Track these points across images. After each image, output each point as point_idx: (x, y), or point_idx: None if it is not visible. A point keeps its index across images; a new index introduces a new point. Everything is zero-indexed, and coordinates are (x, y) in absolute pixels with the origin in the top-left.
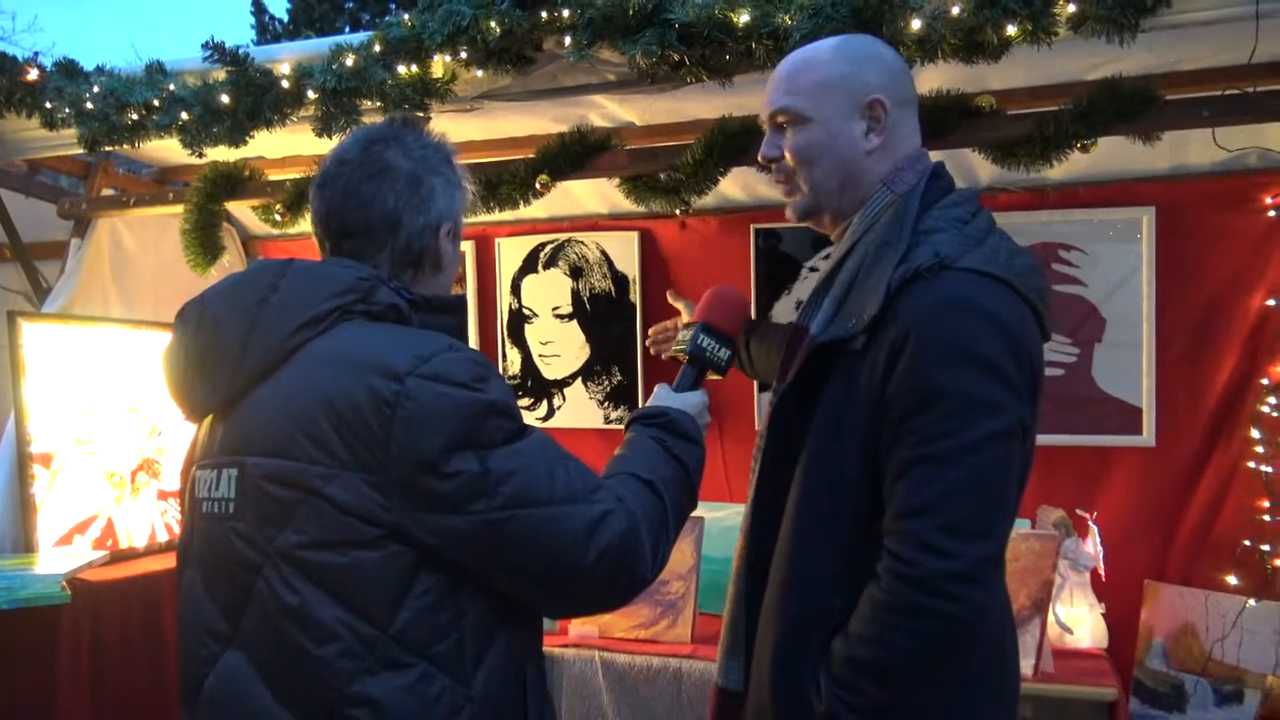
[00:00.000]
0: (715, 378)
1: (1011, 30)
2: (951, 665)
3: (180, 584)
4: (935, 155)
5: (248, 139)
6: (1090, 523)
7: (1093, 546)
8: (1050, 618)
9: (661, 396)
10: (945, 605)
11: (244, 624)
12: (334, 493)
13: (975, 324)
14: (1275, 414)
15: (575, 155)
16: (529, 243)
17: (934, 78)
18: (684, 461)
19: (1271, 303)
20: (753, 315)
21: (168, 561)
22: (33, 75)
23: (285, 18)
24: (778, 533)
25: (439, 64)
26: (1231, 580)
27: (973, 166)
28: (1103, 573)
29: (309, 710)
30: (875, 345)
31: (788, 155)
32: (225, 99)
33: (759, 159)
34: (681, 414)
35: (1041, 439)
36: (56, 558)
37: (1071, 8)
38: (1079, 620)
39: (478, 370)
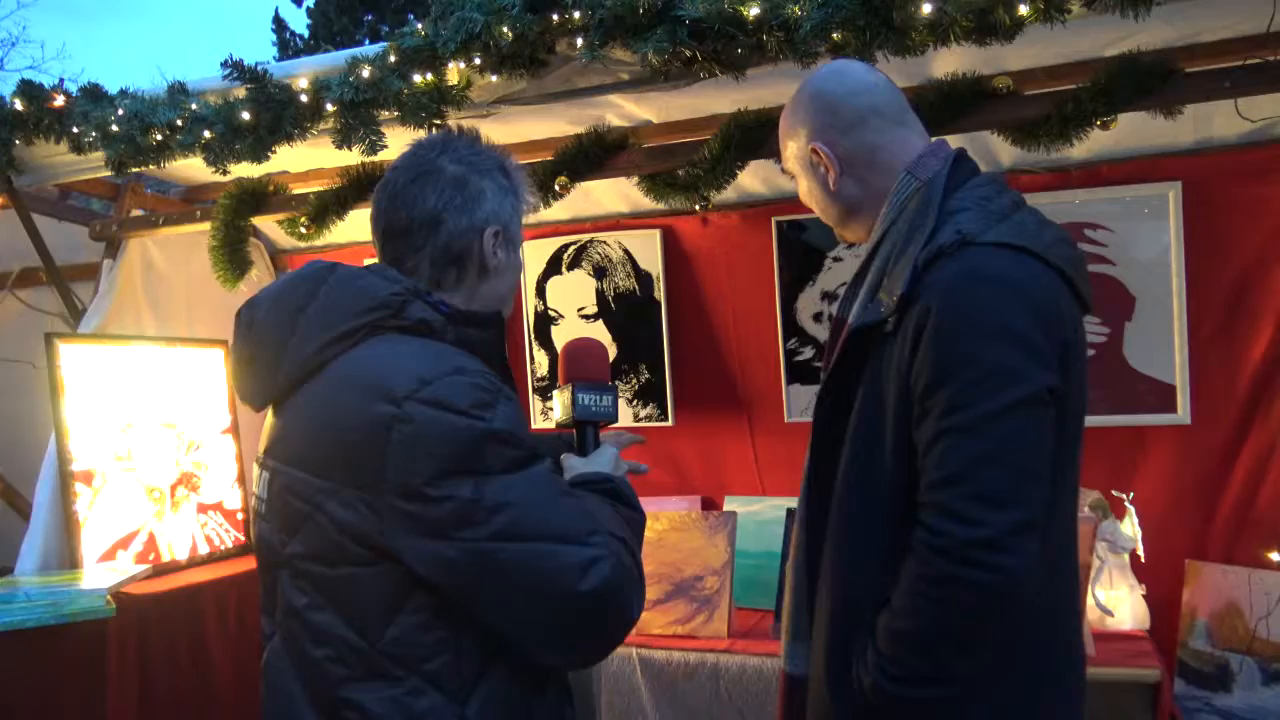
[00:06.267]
0: (611, 426)
1: (1023, 10)
2: (990, 636)
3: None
4: (954, 139)
5: (270, 154)
6: (1127, 504)
7: (1131, 527)
8: (1090, 601)
9: (575, 466)
10: (974, 573)
11: (276, 615)
12: (333, 509)
13: (993, 294)
14: None
15: (593, 156)
16: (552, 245)
17: (949, 61)
18: (634, 529)
19: None
20: (610, 356)
21: (209, 573)
22: (59, 101)
23: (305, 33)
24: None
25: (454, 71)
26: (1275, 557)
27: (993, 149)
28: (1142, 554)
29: (318, 702)
30: (903, 325)
31: None
32: (246, 116)
33: None
34: (622, 480)
35: None
36: (101, 573)
37: None
38: (1119, 602)
39: (481, 396)
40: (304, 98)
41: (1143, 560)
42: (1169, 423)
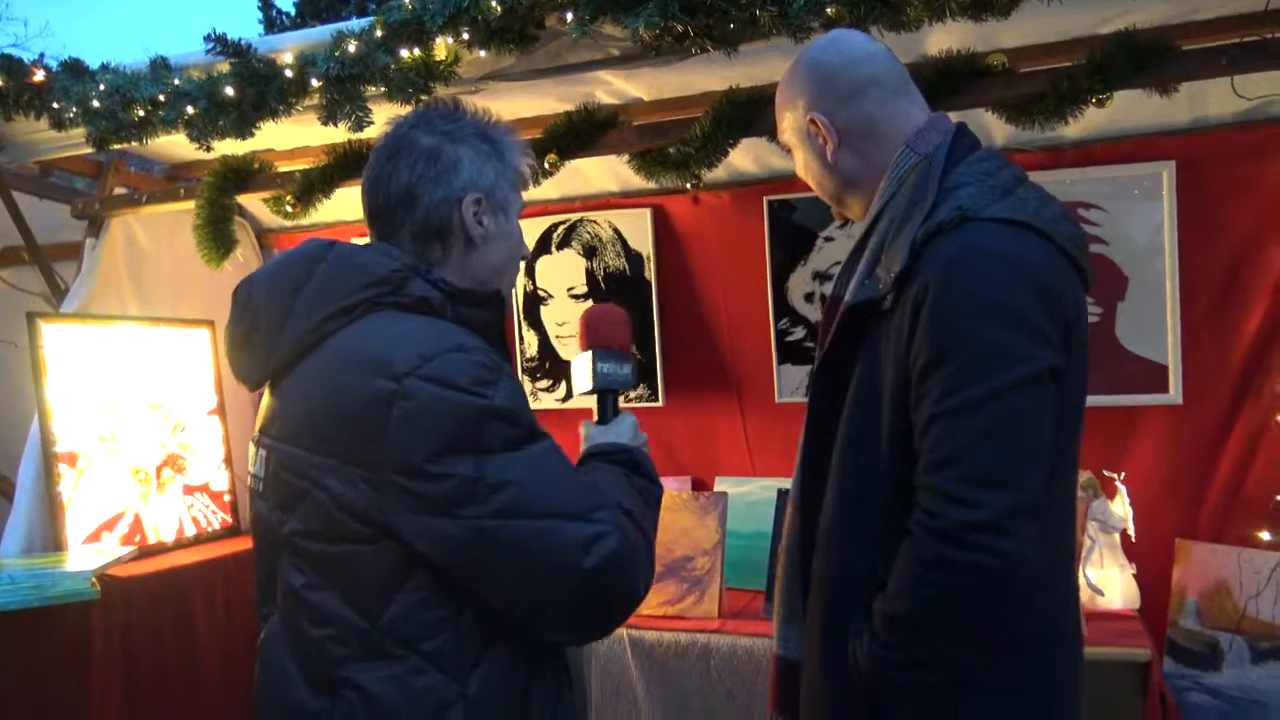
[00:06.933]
0: (624, 396)
1: None
2: (989, 620)
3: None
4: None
5: (254, 130)
6: (1118, 483)
7: (1121, 507)
8: (1081, 580)
9: (593, 435)
10: (969, 555)
11: (276, 595)
12: (333, 486)
13: (994, 271)
14: None
15: (583, 133)
16: (541, 224)
17: (944, 38)
18: (648, 501)
19: None
20: (628, 321)
21: (195, 555)
22: (39, 76)
23: (292, 10)
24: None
25: (441, 46)
26: (1265, 536)
27: (987, 127)
28: (1132, 533)
29: (315, 681)
30: (901, 302)
31: None
32: (230, 91)
33: None
34: (640, 452)
35: None
36: (85, 555)
37: None
38: (1110, 582)
39: (482, 374)
40: (289, 73)
41: (1133, 540)
42: (1160, 403)
